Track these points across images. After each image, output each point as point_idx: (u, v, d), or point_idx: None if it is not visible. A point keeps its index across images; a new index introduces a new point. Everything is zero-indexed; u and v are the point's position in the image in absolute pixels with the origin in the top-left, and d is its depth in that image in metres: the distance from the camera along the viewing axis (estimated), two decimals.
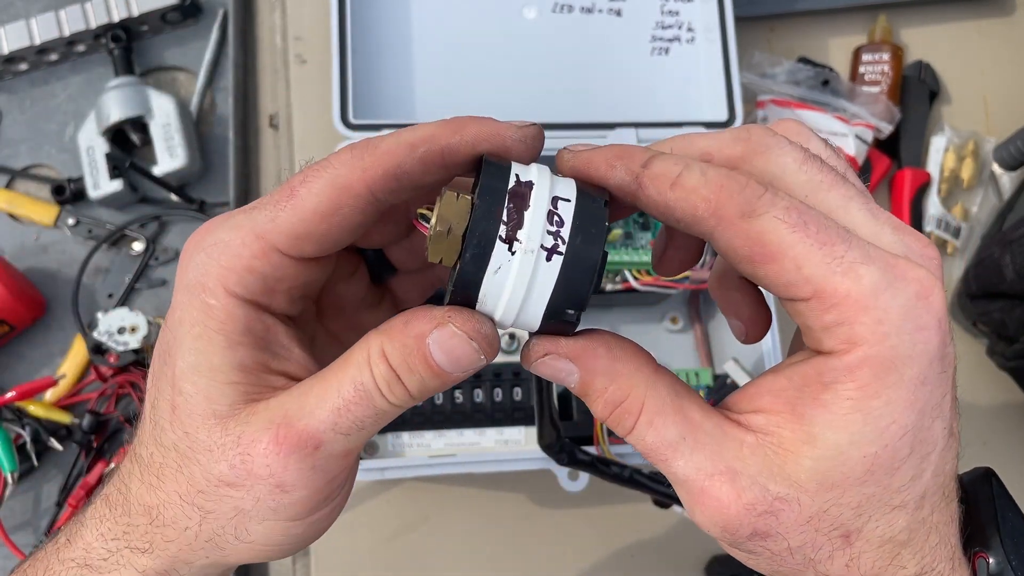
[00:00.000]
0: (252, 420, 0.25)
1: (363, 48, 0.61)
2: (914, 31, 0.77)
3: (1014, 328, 0.61)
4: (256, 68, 0.70)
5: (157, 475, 0.26)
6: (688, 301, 0.65)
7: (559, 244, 0.23)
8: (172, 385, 0.25)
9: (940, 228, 0.71)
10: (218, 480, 0.25)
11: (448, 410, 0.55)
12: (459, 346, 0.24)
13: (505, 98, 0.63)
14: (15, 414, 0.59)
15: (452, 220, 0.23)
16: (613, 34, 0.66)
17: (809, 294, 0.22)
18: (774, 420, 0.24)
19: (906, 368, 0.22)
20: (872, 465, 0.23)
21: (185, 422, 0.25)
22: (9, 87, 0.68)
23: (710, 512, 0.24)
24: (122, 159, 0.63)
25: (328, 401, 0.24)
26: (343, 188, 0.25)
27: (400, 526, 0.61)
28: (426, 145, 0.25)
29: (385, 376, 0.24)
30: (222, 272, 0.25)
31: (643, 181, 0.24)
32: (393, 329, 0.25)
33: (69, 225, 0.65)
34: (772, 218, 0.22)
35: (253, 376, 0.25)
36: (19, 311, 0.60)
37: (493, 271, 0.23)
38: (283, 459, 0.24)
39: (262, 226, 0.25)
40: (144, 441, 0.26)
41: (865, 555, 0.24)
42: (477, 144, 0.25)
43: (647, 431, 0.24)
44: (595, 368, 0.25)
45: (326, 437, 0.24)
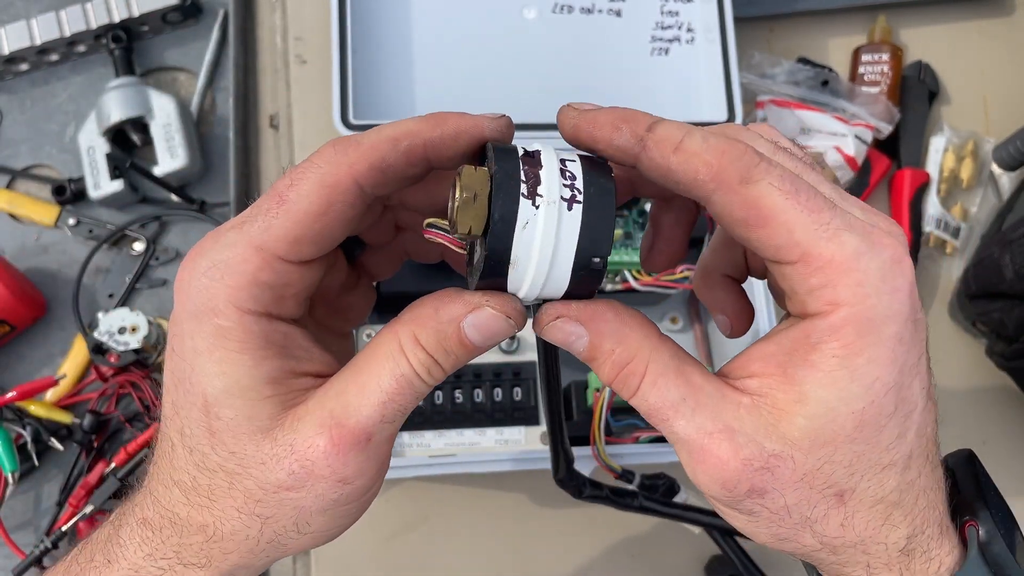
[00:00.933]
0: (299, 427, 0.25)
1: (363, 48, 0.61)
2: (914, 31, 0.77)
3: (1013, 328, 0.61)
4: (256, 68, 0.70)
5: (208, 496, 0.26)
6: (688, 301, 0.65)
7: (576, 194, 0.24)
8: (205, 412, 0.25)
9: (939, 228, 0.71)
10: (276, 487, 0.25)
11: (448, 410, 0.55)
12: (495, 324, 0.26)
13: (505, 98, 0.63)
14: (16, 414, 0.59)
15: (476, 188, 0.24)
16: (613, 34, 0.66)
17: (797, 257, 0.24)
18: (767, 383, 0.25)
19: (884, 327, 0.24)
20: (861, 421, 0.24)
21: (229, 443, 0.25)
22: (10, 87, 0.68)
23: (710, 469, 0.25)
24: (123, 159, 0.63)
25: (371, 396, 0.25)
26: (332, 186, 0.25)
27: (400, 526, 0.61)
28: (409, 139, 0.26)
29: (424, 362, 0.26)
30: (230, 292, 0.25)
31: (647, 144, 0.25)
32: (423, 317, 0.26)
33: (70, 225, 0.65)
34: (767, 184, 0.24)
35: (284, 385, 0.26)
36: (20, 311, 0.60)
37: (522, 226, 0.24)
38: (343, 457, 0.25)
39: (258, 237, 0.25)
40: (180, 468, 0.26)
41: (859, 515, 0.25)
42: (457, 136, 0.26)
43: (650, 392, 0.26)
44: (603, 331, 0.26)
45: (376, 428, 0.25)
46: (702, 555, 0.62)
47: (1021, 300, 0.60)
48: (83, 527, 0.57)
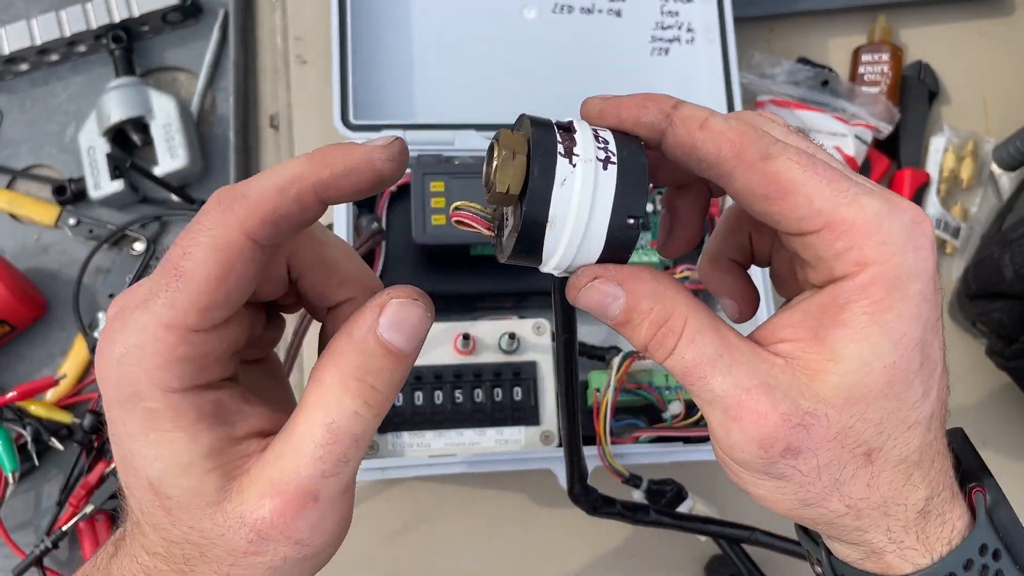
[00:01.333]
0: (245, 498, 0.25)
1: (363, 48, 0.61)
2: (914, 31, 0.77)
3: (1013, 328, 0.61)
4: (256, 68, 0.71)
5: (185, 563, 0.26)
6: None
7: (611, 156, 0.25)
8: (154, 493, 0.25)
9: (939, 228, 0.71)
10: (242, 553, 0.25)
11: (448, 410, 0.55)
12: (410, 314, 0.25)
13: (505, 98, 0.64)
14: (16, 414, 0.59)
15: (515, 147, 0.25)
16: (613, 35, 0.66)
17: (821, 225, 0.25)
18: (799, 347, 0.26)
19: (910, 284, 0.24)
20: (891, 376, 0.25)
21: (185, 519, 0.25)
22: (10, 87, 0.68)
23: (748, 426, 0.25)
24: (123, 159, 0.63)
25: (304, 454, 0.24)
26: (225, 248, 0.24)
27: (400, 526, 0.61)
28: (297, 184, 0.24)
29: (359, 394, 0.25)
30: (151, 375, 0.24)
31: (674, 120, 0.26)
32: (338, 347, 0.25)
33: (70, 225, 0.65)
34: (786, 159, 0.25)
35: (225, 455, 0.25)
36: (20, 311, 0.60)
37: (560, 183, 0.25)
38: (291, 522, 0.24)
39: (166, 315, 0.24)
40: (152, 541, 0.26)
41: (884, 474, 0.26)
42: (349, 173, 0.25)
43: (688, 348, 0.26)
44: (641, 290, 0.26)
45: (319, 486, 0.25)
46: (702, 555, 0.62)
47: (1021, 300, 0.60)
48: (83, 527, 0.57)
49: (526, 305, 0.62)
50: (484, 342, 0.56)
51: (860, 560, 0.28)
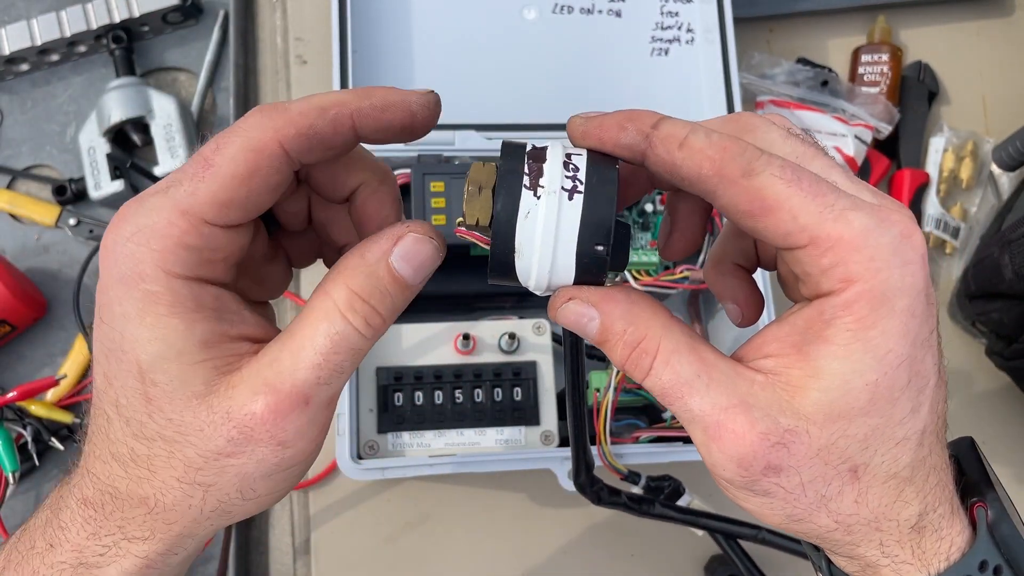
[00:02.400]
0: (234, 394, 0.25)
1: (363, 49, 0.61)
2: (913, 32, 0.78)
3: (1013, 328, 0.61)
4: (257, 69, 0.71)
5: (147, 467, 0.26)
6: (688, 301, 0.65)
7: (578, 185, 0.25)
8: (140, 379, 0.25)
9: (939, 228, 0.71)
10: (216, 454, 0.25)
11: (448, 410, 0.55)
12: (422, 249, 0.27)
13: (505, 98, 0.64)
14: (16, 414, 0.59)
15: (482, 181, 0.26)
16: (613, 35, 0.66)
17: (806, 241, 0.24)
18: (782, 362, 0.25)
19: (897, 300, 0.24)
20: (874, 393, 0.24)
21: (165, 409, 0.25)
22: (10, 87, 0.69)
23: (726, 446, 0.25)
24: (123, 159, 0.63)
25: (305, 358, 0.25)
26: (258, 150, 0.25)
27: (400, 526, 0.61)
28: (337, 108, 0.26)
29: (361, 311, 0.26)
30: (156, 256, 0.24)
31: (653, 141, 0.25)
32: (351, 265, 0.26)
33: (70, 225, 0.65)
34: (769, 175, 0.24)
35: (217, 349, 0.26)
36: (20, 311, 0.60)
37: (524, 215, 0.25)
38: (281, 421, 0.25)
39: (184, 201, 0.25)
40: (117, 440, 0.26)
41: (872, 490, 0.25)
42: (385, 108, 0.26)
43: (664, 370, 0.26)
44: (614, 312, 0.26)
45: (313, 391, 0.25)
46: (702, 555, 0.62)
47: (1020, 300, 0.60)
48: None
49: (526, 305, 0.62)
50: (484, 342, 0.56)
51: (857, 572, 0.27)
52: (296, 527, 0.61)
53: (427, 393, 0.55)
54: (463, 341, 0.55)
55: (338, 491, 0.61)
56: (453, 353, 0.56)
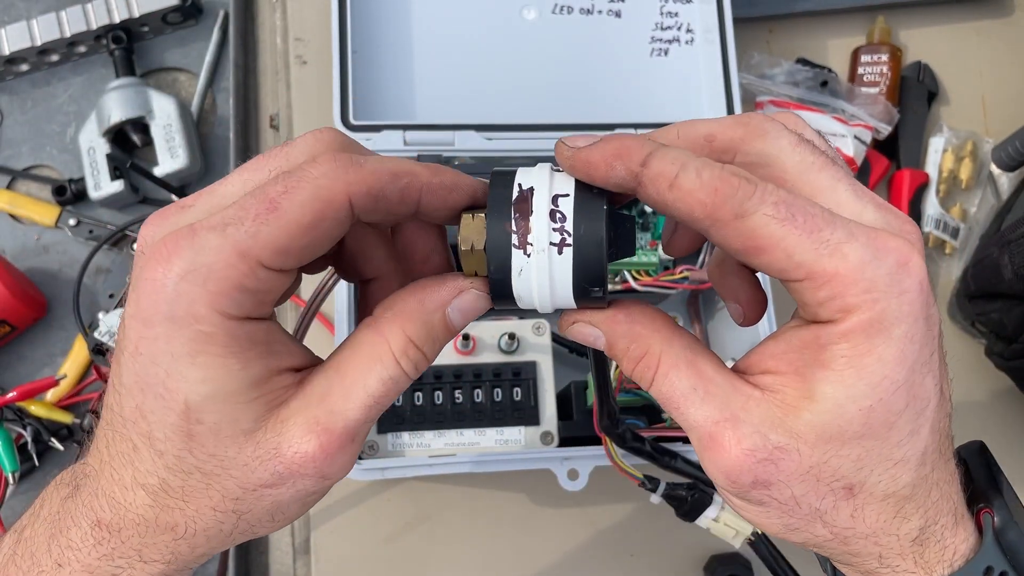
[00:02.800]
0: (284, 430, 0.25)
1: (363, 49, 0.61)
2: (913, 32, 0.78)
3: (1012, 328, 0.61)
4: (257, 69, 0.71)
5: (181, 498, 0.26)
6: (687, 301, 0.65)
7: (566, 238, 0.26)
8: (185, 417, 0.24)
9: (939, 229, 0.71)
10: (257, 485, 0.26)
11: (448, 410, 0.55)
12: (478, 306, 0.28)
13: (505, 99, 0.64)
14: (16, 414, 0.59)
15: (473, 238, 0.27)
16: (612, 35, 0.66)
17: (802, 276, 0.24)
18: (779, 380, 0.26)
19: (894, 327, 0.24)
20: (868, 418, 0.24)
21: (208, 446, 0.25)
22: (10, 88, 0.69)
23: (716, 457, 0.26)
24: (123, 160, 0.63)
25: (357, 399, 0.26)
26: (327, 202, 0.24)
27: (400, 526, 0.61)
28: (409, 178, 0.26)
29: (414, 359, 0.27)
30: (213, 298, 0.24)
31: (642, 180, 0.25)
32: (409, 310, 0.27)
33: (70, 225, 0.65)
34: (762, 215, 0.24)
35: (267, 385, 0.26)
36: (20, 311, 0.60)
37: (517, 274, 0.26)
38: (330, 460, 0.26)
39: (244, 243, 0.24)
40: (145, 471, 0.25)
41: (869, 507, 0.26)
42: (452, 189, 0.27)
43: (663, 382, 0.27)
44: (615, 332, 0.28)
45: (359, 429, 0.26)
46: (702, 555, 0.62)
47: (1020, 300, 0.60)
48: None
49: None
50: (484, 342, 0.56)
51: None
52: (296, 527, 0.61)
53: (427, 393, 0.55)
54: (463, 341, 0.55)
55: (338, 491, 0.61)
56: (453, 353, 0.56)
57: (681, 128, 0.28)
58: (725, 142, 0.27)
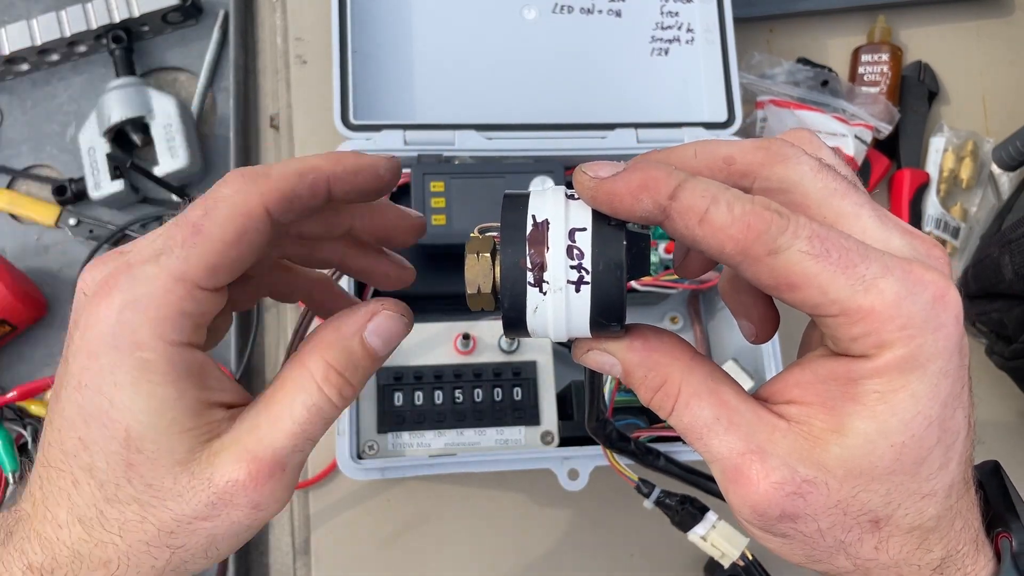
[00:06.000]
0: (217, 461, 0.26)
1: (363, 49, 0.61)
2: (913, 32, 0.78)
3: (1013, 328, 0.61)
4: (257, 69, 0.71)
5: (117, 532, 0.26)
6: (688, 301, 0.65)
7: (584, 275, 0.25)
8: (125, 446, 0.25)
9: (939, 228, 0.71)
10: (191, 517, 0.26)
11: (448, 410, 0.55)
12: (393, 326, 0.28)
13: (505, 99, 0.64)
14: (16, 414, 0.59)
15: (479, 281, 0.27)
16: (613, 35, 0.66)
17: (837, 312, 0.23)
18: (806, 411, 0.25)
19: (930, 364, 0.23)
20: (900, 454, 0.24)
21: (146, 475, 0.25)
22: (10, 87, 0.69)
23: (742, 490, 0.25)
24: (123, 159, 0.63)
25: (284, 427, 0.27)
26: (245, 215, 0.26)
27: (400, 526, 0.61)
28: (314, 173, 0.27)
29: (336, 384, 0.27)
30: (155, 325, 0.25)
31: (671, 214, 0.24)
32: (327, 339, 0.28)
33: (70, 225, 0.65)
34: (796, 252, 0.23)
35: (201, 417, 0.26)
36: (20, 311, 0.60)
37: (532, 312, 0.25)
38: (260, 488, 0.26)
39: (178, 268, 0.25)
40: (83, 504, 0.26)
41: (893, 539, 0.25)
42: (357, 172, 0.28)
43: (684, 412, 0.26)
44: (633, 359, 0.27)
45: (289, 458, 0.27)
46: (702, 555, 0.62)
47: (1020, 300, 0.60)
48: None
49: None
50: (484, 342, 0.56)
51: None
52: (296, 527, 0.61)
53: (427, 393, 0.55)
54: (463, 341, 0.55)
55: (338, 491, 0.61)
56: (453, 353, 0.56)
57: (699, 148, 0.27)
58: (744, 166, 0.26)
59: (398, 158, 0.30)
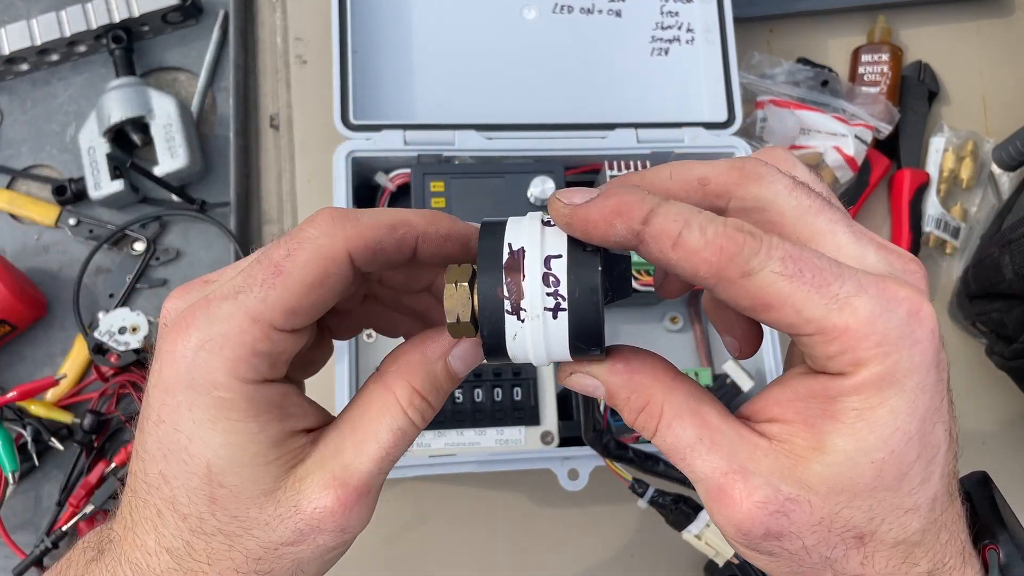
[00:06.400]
0: (303, 488, 0.26)
1: (363, 48, 0.61)
2: (913, 32, 0.78)
3: (1013, 328, 0.61)
4: (257, 69, 0.71)
5: (205, 560, 0.26)
6: (687, 301, 0.65)
7: (561, 302, 0.25)
8: (207, 481, 0.25)
9: (939, 228, 0.71)
10: (278, 544, 0.26)
11: (448, 410, 0.55)
12: (477, 351, 0.28)
13: (505, 98, 0.64)
14: (16, 414, 0.59)
15: (458, 311, 0.26)
16: (613, 35, 0.66)
17: (812, 331, 0.24)
18: (787, 429, 0.25)
19: (906, 379, 0.24)
20: (880, 470, 0.24)
21: (231, 508, 0.26)
22: (10, 87, 0.69)
23: (726, 509, 0.25)
24: (123, 159, 0.63)
25: (370, 452, 0.27)
26: (329, 259, 0.25)
27: (400, 526, 0.61)
28: (405, 229, 0.27)
29: (420, 408, 0.27)
30: (229, 365, 0.25)
31: (644, 239, 0.24)
32: (412, 363, 0.28)
33: (70, 225, 0.65)
34: (770, 272, 0.23)
35: (284, 447, 0.26)
36: (20, 311, 0.60)
37: (511, 339, 0.26)
38: (348, 513, 0.26)
39: (255, 308, 0.25)
40: (170, 535, 0.26)
41: (879, 554, 0.25)
42: (448, 238, 0.28)
43: (667, 433, 0.26)
44: (615, 382, 0.27)
45: (374, 481, 0.27)
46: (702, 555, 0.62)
47: (1021, 300, 0.60)
48: (83, 527, 0.57)
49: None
50: None
51: None
52: None
53: None
54: None
55: None
56: None
57: (674, 169, 0.27)
58: (719, 186, 0.26)
59: None
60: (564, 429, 0.55)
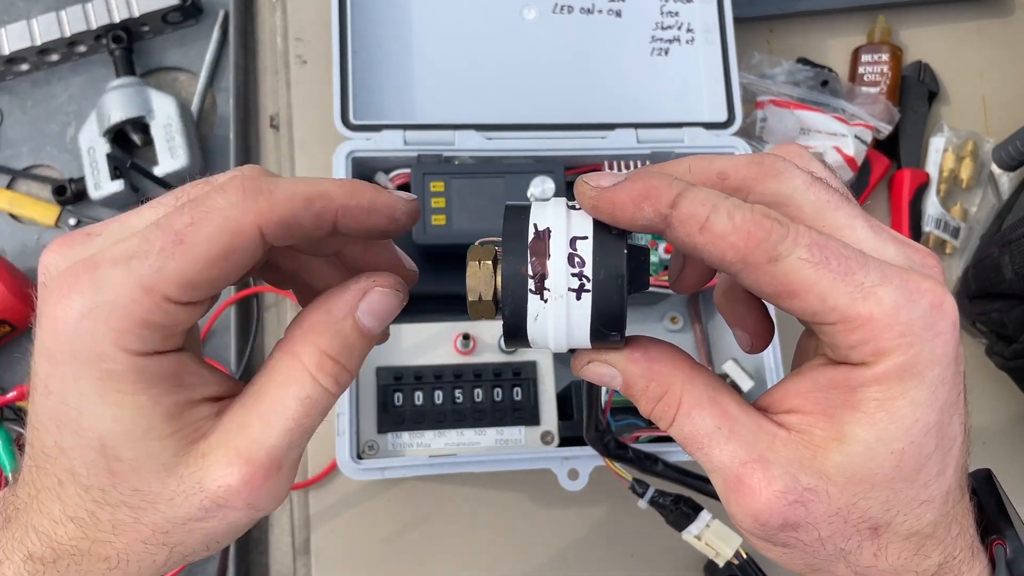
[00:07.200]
0: (205, 464, 0.25)
1: (363, 49, 0.61)
2: (913, 32, 0.78)
3: (1013, 328, 0.61)
4: (257, 69, 0.71)
5: (111, 531, 0.25)
6: (688, 301, 0.65)
7: (585, 283, 0.25)
8: (102, 454, 0.24)
9: (939, 228, 0.71)
10: (185, 519, 0.25)
11: (448, 410, 0.55)
12: (388, 302, 0.27)
13: (505, 99, 0.64)
14: (16, 414, 0.59)
15: (480, 289, 0.26)
16: (613, 35, 0.66)
17: (835, 320, 0.24)
18: (806, 420, 0.25)
19: (927, 371, 0.24)
20: (899, 461, 0.24)
21: (131, 481, 0.24)
22: (10, 88, 0.69)
23: (744, 499, 0.25)
24: (123, 159, 0.63)
25: (277, 425, 0.25)
26: (236, 234, 0.23)
27: (400, 526, 0.61)
28: (323, 202, 0.25)
29: (331, 371, 0.25)
30: (116, 336, 0.23)
31: (672, 223, 0.24)
32: (317, 323, 0.26)
33: (70, 225, 0.65)
34: (796, 259, 0.23)
35: (183, 419, 0.25)
36: (20, 311, 0.60)
37: (532, 320, 0.25)
38: (255, 490, 0.25)
39: (149, 278, 0.23)
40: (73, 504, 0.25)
41: (892, 546, 0.25)
42: (371, 211, 0.26)
43: (685, 422, 0.26)
44: (634, 371, 0.27)
45: (285, 456, 0.25)
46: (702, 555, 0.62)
47: (1021, 300, 0.60)
48: None
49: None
50: (484, 342, 0.56)
51: None
52: (296, 527, 0.61)
53: (427, 393, 0.55)
54: (463, 341, 0.55)
55: (338, 491, 0.61)
56: (453, 353, 0.56)
57: (693, 163, 0.27)
58: (738, 181, 0.26)
59: (417, 199, 0.28)
60: (564, 429, 0.55)
